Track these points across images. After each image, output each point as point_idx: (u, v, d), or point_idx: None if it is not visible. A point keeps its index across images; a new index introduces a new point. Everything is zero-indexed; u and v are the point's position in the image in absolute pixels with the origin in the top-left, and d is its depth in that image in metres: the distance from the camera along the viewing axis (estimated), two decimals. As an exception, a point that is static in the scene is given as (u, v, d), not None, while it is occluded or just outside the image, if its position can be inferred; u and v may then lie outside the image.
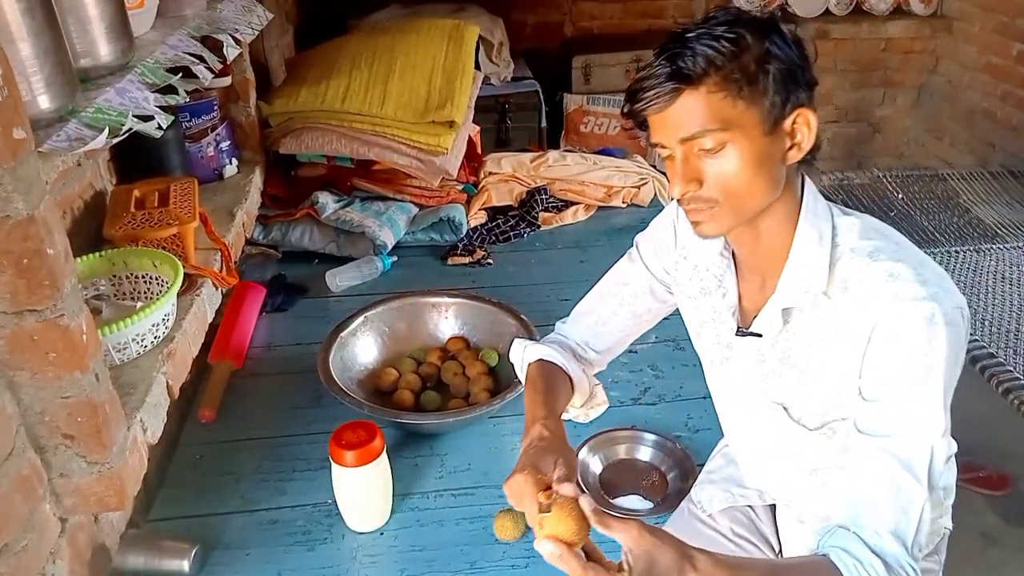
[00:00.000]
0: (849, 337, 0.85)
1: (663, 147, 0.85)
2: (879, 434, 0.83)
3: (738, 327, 0.96)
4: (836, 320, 0.86)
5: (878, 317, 0.82)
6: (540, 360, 1.10)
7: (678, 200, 0.87)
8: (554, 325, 1.60)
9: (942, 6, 3.53)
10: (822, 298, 0.87)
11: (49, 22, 0.87)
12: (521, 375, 1.14)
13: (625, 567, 0.74)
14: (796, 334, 0.91)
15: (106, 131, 0.87)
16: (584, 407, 1.15)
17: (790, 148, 0.83)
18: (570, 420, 1.16)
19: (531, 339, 1.40)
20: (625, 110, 0.85)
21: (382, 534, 1.17)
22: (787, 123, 0.82)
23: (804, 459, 0.98)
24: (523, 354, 1.13)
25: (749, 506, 1.12)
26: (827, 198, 0.92)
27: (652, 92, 0.80)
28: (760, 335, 0.93)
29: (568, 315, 1.21)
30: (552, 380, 1.07)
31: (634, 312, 1.13)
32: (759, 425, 1.01)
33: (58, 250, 0.82)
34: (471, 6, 2.98)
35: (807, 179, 0.90)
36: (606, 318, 1.14)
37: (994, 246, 2.48)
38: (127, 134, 0.94)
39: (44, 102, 0.87)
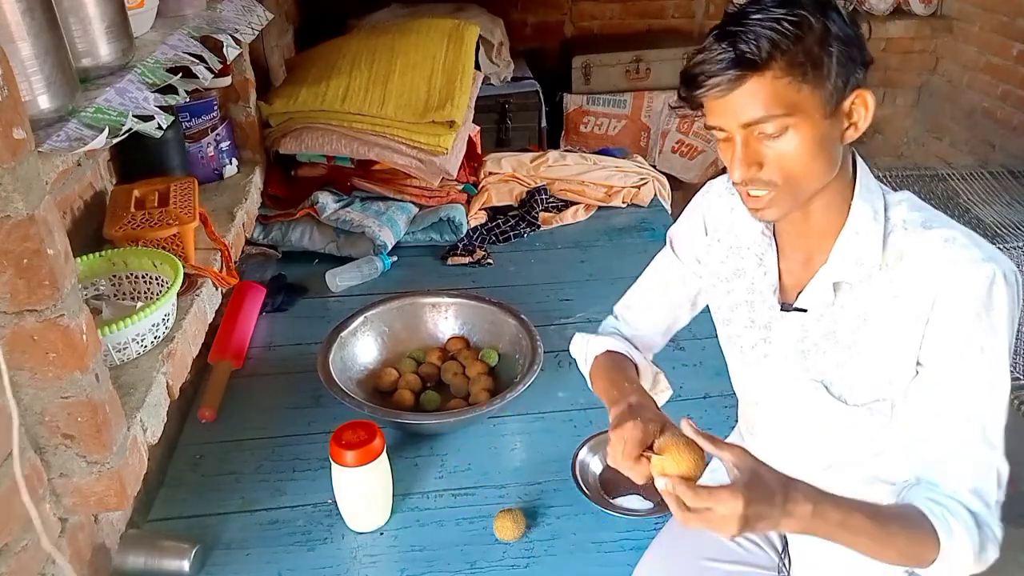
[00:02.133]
0: (908, 306, 0.85)
1: (721, 130, 0.83)
2: (946, 398, 0.84)
3: (782, 303, 0.96)
4: (892, 291, 0.86)
5: (940, 282, 0.82)
6: (607, 351, 1.10)
7: (735, 183, 0.86)
8: (553, 325, 1.62)
9: (942, 6, 3.53)
10: (875, 272, 0.87)
11: (49, 22, 0.87)
12: (584, 368, 1.13)
13: (732, 478, 0.77)
14: (844, 308, 0.90)
15: (106, 131, 0.87)
16: (653, 391, 1.13)
17: (847, 128, 0.83)
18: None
19: (531, 340, 1.42)
20: (683, 94, 0.83)
21: (382, 534, 1.17)
22: (846, 104, 0.82)
23: (831, 443, 0.97)
24: (587, 348, 1.12)
25: None
26: None
27: (715, 78, 0.79)
28: (805, 310, 0.93)
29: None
30: (623, 366, 1.07)
31: (671, 302, 1.13)
32: (793, 406, 0.99)
33: (58, 250, 0.82)
34: (471, 6, 2.97)
35: (858, 156, 0.90)
36: (648, 311, 1.15)
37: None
38: (127, 134, 0.94)
39: (44, 102, 0.87)
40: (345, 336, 1.45)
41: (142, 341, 1.09)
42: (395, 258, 1.87)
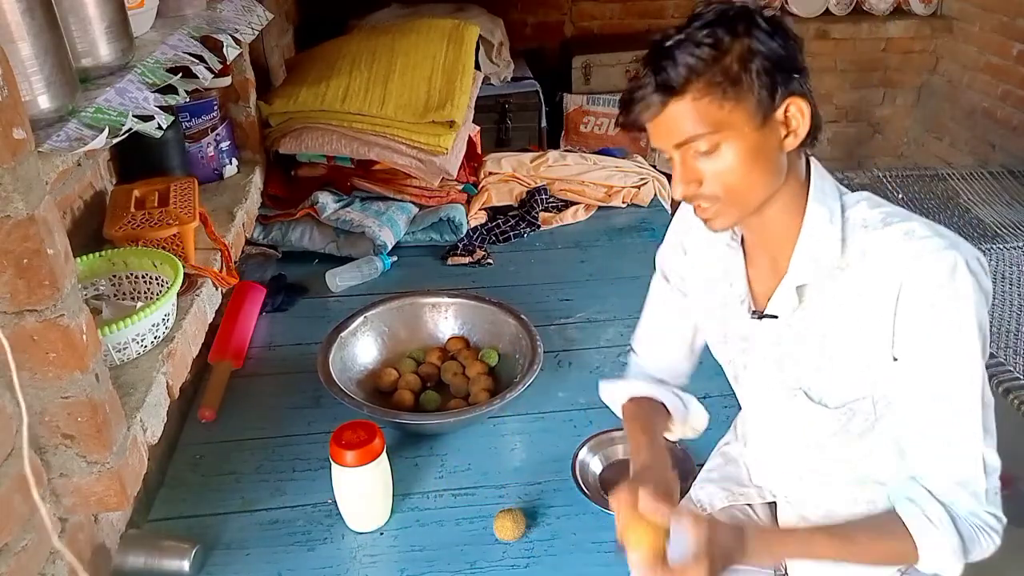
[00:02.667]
0: (874, 302, 0.86)
1: (662, 151, 0.87)
2: (921, 390, 0.85)
3: (753, 311, 0.97)
4: (856, 289, 0.87)
5: (903, 275, 0.83)
6: (629, 399, 1.13)
7: (683, 200, 0.89)
8: (553, 325, 1.62)
9: (942, 6, 3.53)
10: (837, 272, 0.88)
11: (49, 22, 0.87)
12: (618, 414, 1.16)
13: (693, 548, 0.82)
14: (811, 311, 0.91)
15: (106, 131, 0.87)
16: (687, 425, 1.15)
17: (786, 136, 0.84)
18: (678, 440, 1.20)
19: (531, 340, 1.42)
20: (620, 120, 0.87)
21: (382, 534, 1.17)
22: (779, 113, 0.83)
23: (818, 446, 0.98)
24: (612, 397, 1.17)
25: (748, 505, 1.12)
26: None
27: (642, 103, 0.83)
28: (776, 316, 0.94)
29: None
30: (647, 412, 1.09)
31: (677, 325, 1.13)
32: (777, 414, 1.01)
33: (58, 250, 0.82)
34: (471, 6, 2.97)
35: (812, 160, 0.91)
36: (660, 341, 1.15)
37: (994, 246, 2.47)
38: (127, 134, 0.94)
39: (44, 102, 0.87)
40: (345, 336, 1.45)
41: (142, 341, 1.09)
42: (395, 258, 1.87)
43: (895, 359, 0.86)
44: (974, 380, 0.83)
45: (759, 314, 0.96)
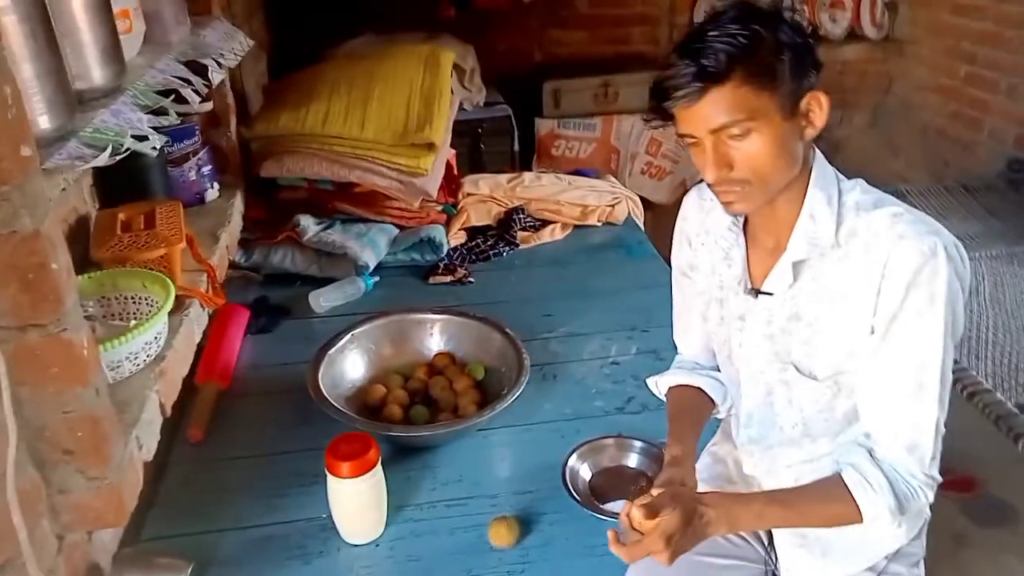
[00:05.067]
0: (861, 278, 0.92)
1: (692, 137, 0.91)
2: (888, 360, 0.92)
3: (751, 288, 1.03)
4: (846, 267, 0.93)
5: (887, 253, 0.89)
6: (669, 388, 1.21)
7: (710, 185, 0.94)
8: (537, 339, 1.65)
9: (893, 30, 3.69)
10: (830, 251, 0.94)
11: (50, 45, 0.89)
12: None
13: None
14: (805, 289, 0.98)
15: (109, 149, 0.89)
16: (728, 402, 1.20)
17: (806, 127, 0.91)
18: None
19: (518, 353, 1.45)
20: (653, 106, 0.92)
21: (378, 546, 1.18)
22: (802, 105, 0.90)
23: (804, 424, 1.04)
24: (657, 389, 1.25)
25: None
26: None
27: (682, 91, 0.87)
28: (771, 294, 1.00)
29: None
30: (684, 404, 1.18)
31: (703, 316, 1.17)
32: (769, 388, 1.06)
33: (61, 265, 0.83)
34: (442, 34, 3.04)
35: (816, 150, 0.97)
36: (691, 333, 1.21)
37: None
38: (126, 153, 0.96)
39: (45, 122, 0.89)
40: (333, 354, 1.46)
41: (135, 359, 1.09)
42: (377, 278, 1.89)
43: (872, 331, 0.93)
44: (937, 355, 0.90)
45: (756, 291, 1.02)
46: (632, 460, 1.33)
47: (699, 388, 1.18)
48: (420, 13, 3.07)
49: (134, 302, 1.23)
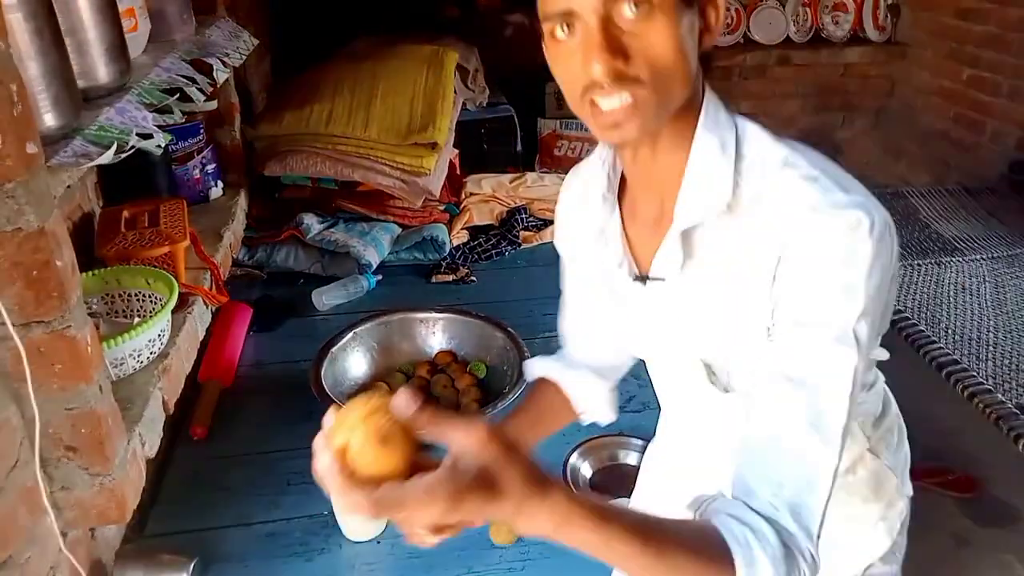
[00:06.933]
0: (759, 259, 0.72)
1: (567, 22, 0.70)
2: (784, 380, 0.69)
3: (637, 275, 0.83)
4: (747, 240, 0.73)
5: (790, 231, 0.69)
6: (538, 378, 1.06)
7: (595, 83, 0.69)
8: (538, 339, 1.65)
9: (896, 33, 3.70)
10: (727, 217, 0.74)
11: (56, 42, 0.90)
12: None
13: (447, 464, 0.58)
14: (700, 267, 0.77)
15: (114, 147, 0.89)
16: (587, 414, 1.07)
17: (703, 31, 0.73)
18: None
19: (519, 352, 1.46)
20: None
21: (379, 543, 1.18)
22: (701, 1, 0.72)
23: (726, 441, 0.83)
24: (530, 371, 1.08)
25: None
26: None
27: None
28: (663, 279, 0.80)
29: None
30: (536, 401, 1.04)
31: (593, 309, 1.01)
32: (680, 388, 0.90)
33: (66, 262, 0.84)
34: (446, 36, 3.04)
35: (707, 85, 0.77)
36: (577, 325, 1.05)
37: (954, 259, 2.59)
38: (131, 151, 0.96)
39: (50, 119, 0.89)
40: (335, 352, 1.47)
41: (139, 356, 1.10)
42: (380, 277, 1.90)
43: (768, 332, 0.72)
44: (850, 365, 0.67)
45: (643, 278, 0.81)
46: (632, 458, 1.33)
47: (564, 390, 1.01)
48: (424, 14, 3.07)
49: (138, 299, 1.24)
